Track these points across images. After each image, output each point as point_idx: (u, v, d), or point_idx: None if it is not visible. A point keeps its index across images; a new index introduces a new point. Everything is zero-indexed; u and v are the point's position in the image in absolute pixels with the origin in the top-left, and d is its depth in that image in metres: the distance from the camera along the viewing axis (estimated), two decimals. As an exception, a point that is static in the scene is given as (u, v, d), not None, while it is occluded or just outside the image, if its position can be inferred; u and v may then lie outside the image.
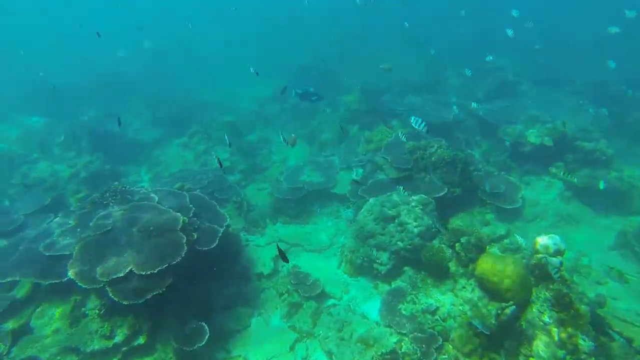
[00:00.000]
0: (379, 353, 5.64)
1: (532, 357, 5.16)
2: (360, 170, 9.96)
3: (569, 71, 15.56)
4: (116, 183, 8.24)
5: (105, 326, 5.52)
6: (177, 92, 18.29)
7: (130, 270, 5.26)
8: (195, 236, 6.83)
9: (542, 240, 5.56)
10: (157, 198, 7.50)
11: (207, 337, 5.81)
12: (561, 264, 5.46)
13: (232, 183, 11.56)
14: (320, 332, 6.46)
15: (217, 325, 6.71)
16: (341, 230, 9.28)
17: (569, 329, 5.08)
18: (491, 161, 10.64)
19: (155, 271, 5.39)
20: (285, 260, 4.84)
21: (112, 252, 5.72)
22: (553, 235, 5.60)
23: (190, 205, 7.61)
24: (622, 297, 6.73)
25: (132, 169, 12.88)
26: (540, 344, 5.12)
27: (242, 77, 20.14)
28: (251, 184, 12.12)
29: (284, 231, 9.62)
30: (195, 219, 7.34)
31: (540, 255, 5.50)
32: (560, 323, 5.12)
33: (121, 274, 5.19)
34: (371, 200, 7.88)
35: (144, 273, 5.27)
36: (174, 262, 5.73)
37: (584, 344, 5.02)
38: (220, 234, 7.15)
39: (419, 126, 6.62)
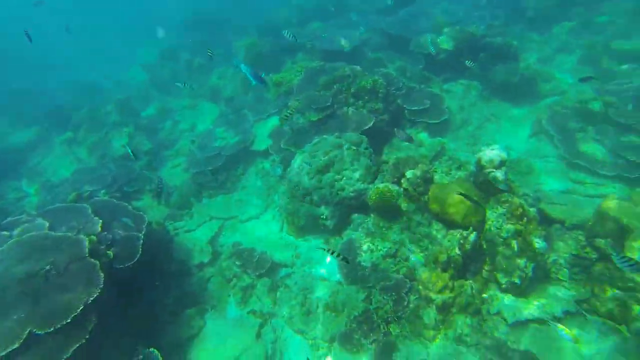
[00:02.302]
0: (352, 317, 5.25)
1: (497, 273, 5.10)
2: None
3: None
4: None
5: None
6: (48, 80, 15.28)
7: (30, 332, 4.09)
8: (112, 254, 5.70)
9: (486, 155, 5.27)
10: (47, 223, 6.07)
11: (160, 363, 5.01)
12: (506, 174, 5.29)
13: (141, 170, 10.08)
14: (284, 311, 5.92)
15: (170, 339, 5.92)
16: (273, 188, 8.52)
17: (526, 238, 5.04)
18: (408, 76, 10.19)
19: (68, 320, 4.29)
20: None
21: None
22: (494, 146, 5.34)
23: (96, 218, 6.31)
24: (545, 182, 7.01)
25: (9, 185, 10.58)
26: (501, 259, 5.05)
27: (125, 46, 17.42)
28: (163, 163, 10.68)
29: (212, 206, 8.63)
30: (105, 233, 6.11)
31: (487, 171, 5.25)
32: (517, 234, 5.04)
33: (15, 344, 3.98)
34: (299, 154, 7.10)
35: (51, 329, 4.14)
36: (93, 298, 4.66)
37: (538, 246, 5.03)
38: (141, 241, 6.08)
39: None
